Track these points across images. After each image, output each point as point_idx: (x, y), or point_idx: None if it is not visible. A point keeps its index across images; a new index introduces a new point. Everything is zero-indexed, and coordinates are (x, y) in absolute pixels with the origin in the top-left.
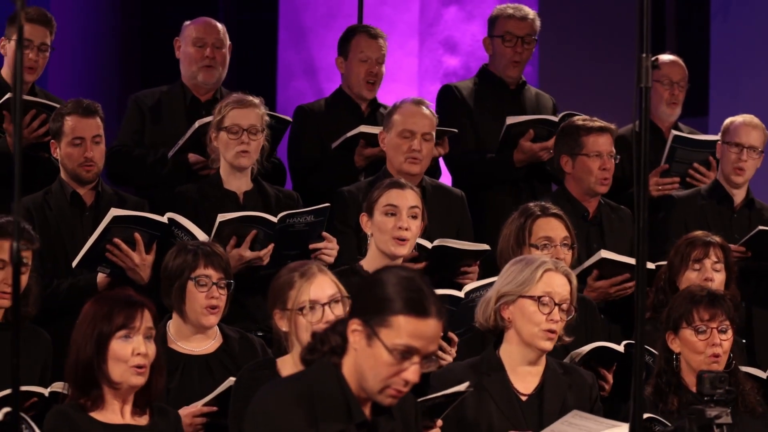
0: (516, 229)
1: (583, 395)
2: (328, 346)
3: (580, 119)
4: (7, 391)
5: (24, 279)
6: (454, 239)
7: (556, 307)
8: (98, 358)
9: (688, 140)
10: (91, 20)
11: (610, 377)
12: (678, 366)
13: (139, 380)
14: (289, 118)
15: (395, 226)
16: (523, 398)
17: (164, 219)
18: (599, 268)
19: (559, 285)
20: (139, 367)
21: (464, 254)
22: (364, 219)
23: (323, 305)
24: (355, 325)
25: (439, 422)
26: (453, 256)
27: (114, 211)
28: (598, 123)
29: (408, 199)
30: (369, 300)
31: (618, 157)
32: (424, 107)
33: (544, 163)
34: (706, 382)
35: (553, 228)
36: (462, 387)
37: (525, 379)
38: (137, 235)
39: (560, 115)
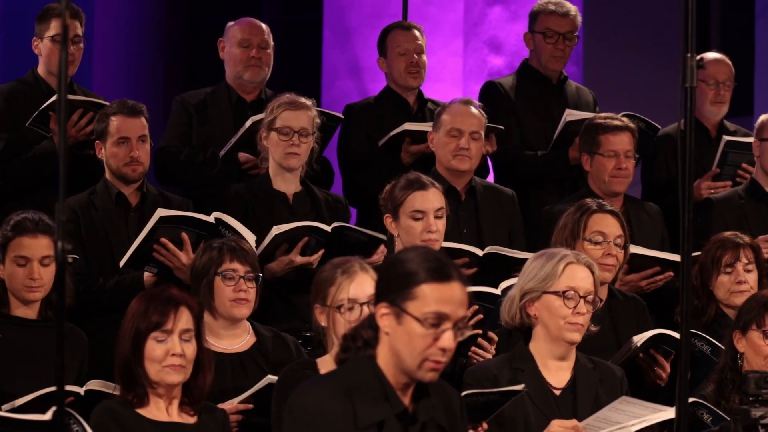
0: (571, 222)
1: (614, 389)
2: (360, 341)
3: (600, 117)
4: (51, 389)
5: (50, 272)
6: (507, 239)
7: (582, 300)
8: (135, 358)
9: (739, 144)
10: (135, 21)
11: (668, 366)
12: (741, 366)
13: (176, 378)
14: (340, 115)
15: (423, 230)
16: (557, 392)
17: (211, 219)
18: (629, 262)
19: (582, 278)
20: (173, 365)
21: (516, 261)
22: (388, 220)
23: (362, 304)
24: (382, 309)
25: (485, 425)
26: (504, 263)
27: (160, 212)
28: (616, 121)
29: (433, 201)
30: (391, 280)
31: (637, 156)
32: (472, 107)
33: None
34: (752, 383)
35: (608, 224)
36: (519, 387)
37: (557, 374)
38: (184, 235)
39: (620, 114)
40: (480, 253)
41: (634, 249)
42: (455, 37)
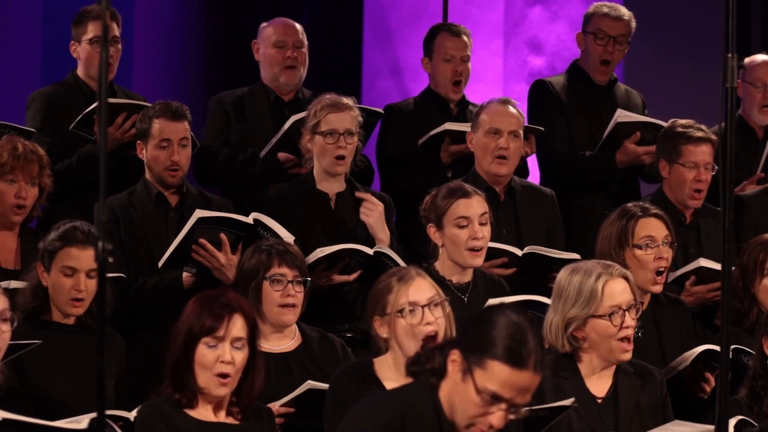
0: (617, 230)
1: (655, 392)
2: (430, 365)
3: (682, 125)
4: (92, 415)
5: (95, 284)
6: (546, 239)
7: (626, 314)
8: (185, 360)
9: None
10: (175, 21)
11: (712, 381)
12: None
13: (222, 391)
14: (380, 110)
15: (469, 237)
16: (599, 400)
17: (249, 219)
18: (696, 274)
19: (621, 291)
20: (223, 376)
21: (554, 261)
22: (432, 230)
23: (423, 307)
24: (454, 355)
25: None
26: (543, 263)
27: (198, 212)
28: (699, 132)
29: (476, 207)
30: (473, 336)
31: (716, 167)
32: (510, 106)
33: (643, 167)
34: None
35: (655, 227)
36: (567, 402)
37: (598, 382)
38: (223, 236)
39: (670, 121)
40: (519, 252)
41: (703, 262)
42: (495, 37)
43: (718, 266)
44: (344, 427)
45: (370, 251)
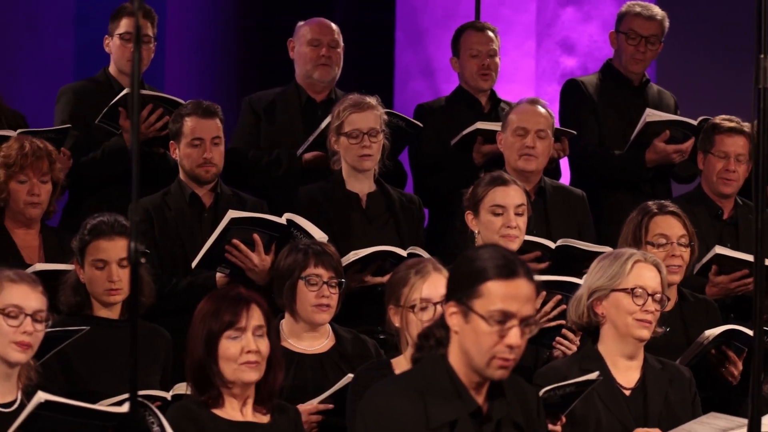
0: (633, 226)
1: (683, 389)
2: (433, 339)
3: (720, 118)
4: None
5: (126, 271)
6: (576, 239)
7: (650, 298)
8: (209, 358)
9: None
10: (207, 21)
11: (740, 364)
12: None
13: (253, 375)
14: (419, 124)
15: (503, 225)
16: (627, 392)
17: (282, 220)
18: (718, 264)
19: (650, 276)
20: (249, 362)
21: (587, 255)
22: (469, 217)
23: (435, 304)
24: (451, 308)
25: (563, 419)
26: (576, 256)
27: (231, 213)
28: (731, 123)
29: (513, 197)
30: (460, 278)
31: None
32: (539, 106)
33: (672, 166)
34: None
35: (670, 226)
36: (593, 375)
37: (626, 374)
38: (256, 236)
39: (699, 120)
40: (552, 245)
41: (719, 250)
42: (528, 38)
43: (735, 254)
44: (362, 409)
45: (404, 253)
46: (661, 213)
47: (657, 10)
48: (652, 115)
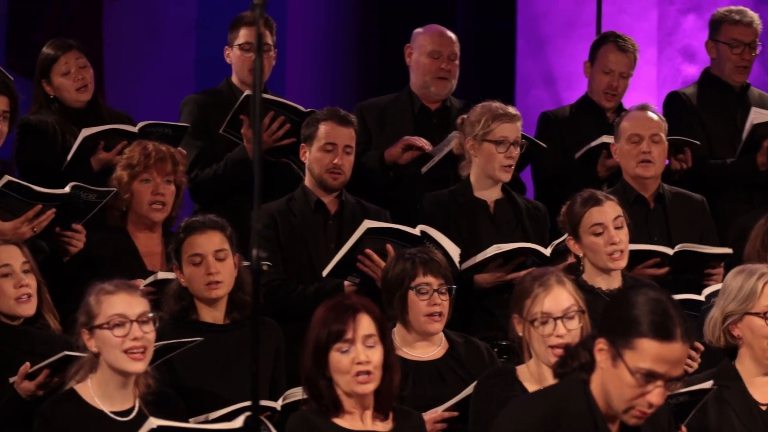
0: (763, 233)
1: None
2: (577, 362)
3: None
4: (246, 403)
5: (227, 266)
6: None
7: None
8: (318, 371)
9: None
10: (328, 29)
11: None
12: None
13: (367, 388)
14: (544, 145)
15: (606, 243)
16: (763, 408)
17: (416, 231)
18: None
19: None
20: (362, 374)
21: (707, 257)
22: (571, 242)
23: (555, 319)
24: (601, 344)
25: (684, 429)
26: (696, 260)
27: (367, 223)
28: None
29: (609, 212)
30: (616, 320)
31: None
32: (649, 111)
33: None
34: None
35: None
36: (707, 384)
37: (763, 390)
38: (389, 247)
39: None
40: (670, 252)
41: None
42: (649, 46)
43: None
44: (498, 426)
45: (547, 252)
46: None
47: (752, 14)
48: (758, 117)
